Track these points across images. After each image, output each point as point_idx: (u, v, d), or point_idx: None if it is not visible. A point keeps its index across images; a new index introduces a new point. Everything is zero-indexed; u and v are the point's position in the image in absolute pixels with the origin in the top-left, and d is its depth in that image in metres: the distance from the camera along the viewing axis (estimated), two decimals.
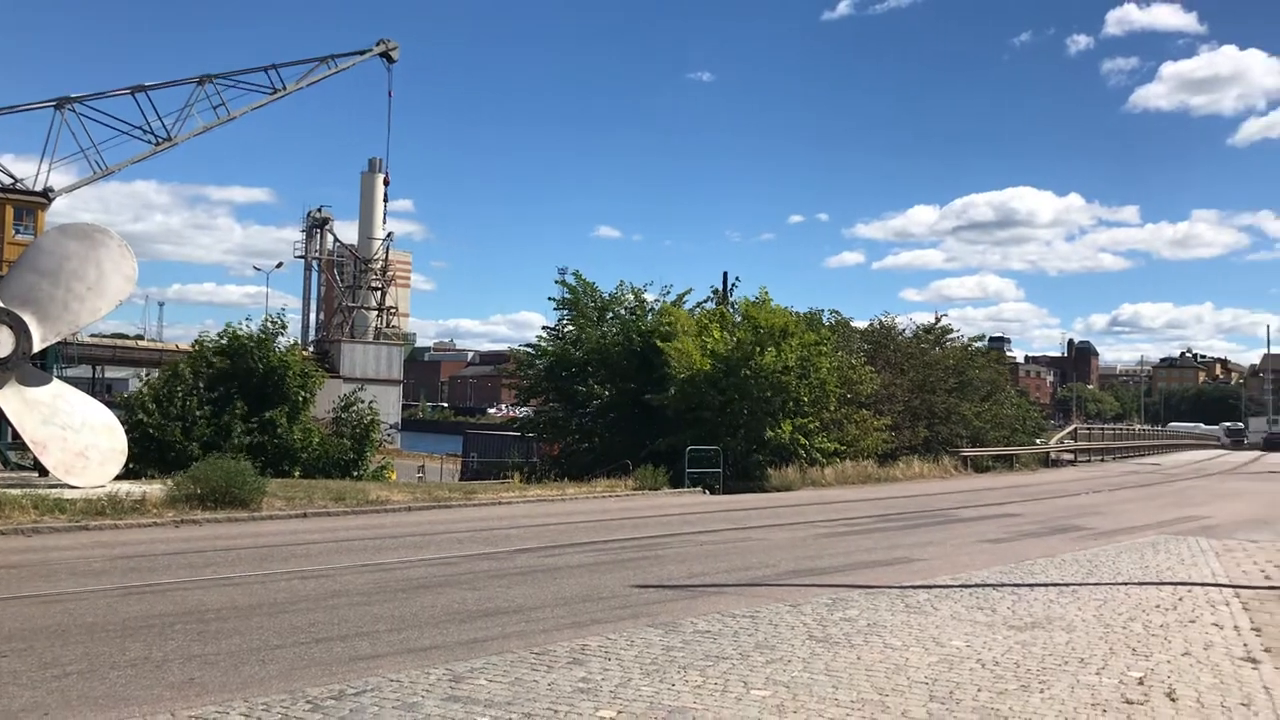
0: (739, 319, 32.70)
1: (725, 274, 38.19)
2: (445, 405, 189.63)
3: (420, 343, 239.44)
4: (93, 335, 62.07)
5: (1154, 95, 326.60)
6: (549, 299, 36.38)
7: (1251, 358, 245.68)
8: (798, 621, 9.48)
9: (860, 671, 7.62)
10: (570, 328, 34.62)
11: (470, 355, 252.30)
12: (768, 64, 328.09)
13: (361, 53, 69.71)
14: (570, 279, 35.08)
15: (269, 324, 28.77)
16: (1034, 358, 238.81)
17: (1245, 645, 8.87)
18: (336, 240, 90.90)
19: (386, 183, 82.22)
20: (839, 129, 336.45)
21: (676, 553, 14.70)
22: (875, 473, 33.02)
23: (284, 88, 62.46)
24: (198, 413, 25.95)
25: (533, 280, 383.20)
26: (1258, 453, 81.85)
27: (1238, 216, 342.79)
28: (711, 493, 27.52)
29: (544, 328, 36.18)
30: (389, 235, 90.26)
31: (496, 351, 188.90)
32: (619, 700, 6.77)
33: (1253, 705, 6.98)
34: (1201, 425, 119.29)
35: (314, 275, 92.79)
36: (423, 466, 50.58)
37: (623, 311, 34.75)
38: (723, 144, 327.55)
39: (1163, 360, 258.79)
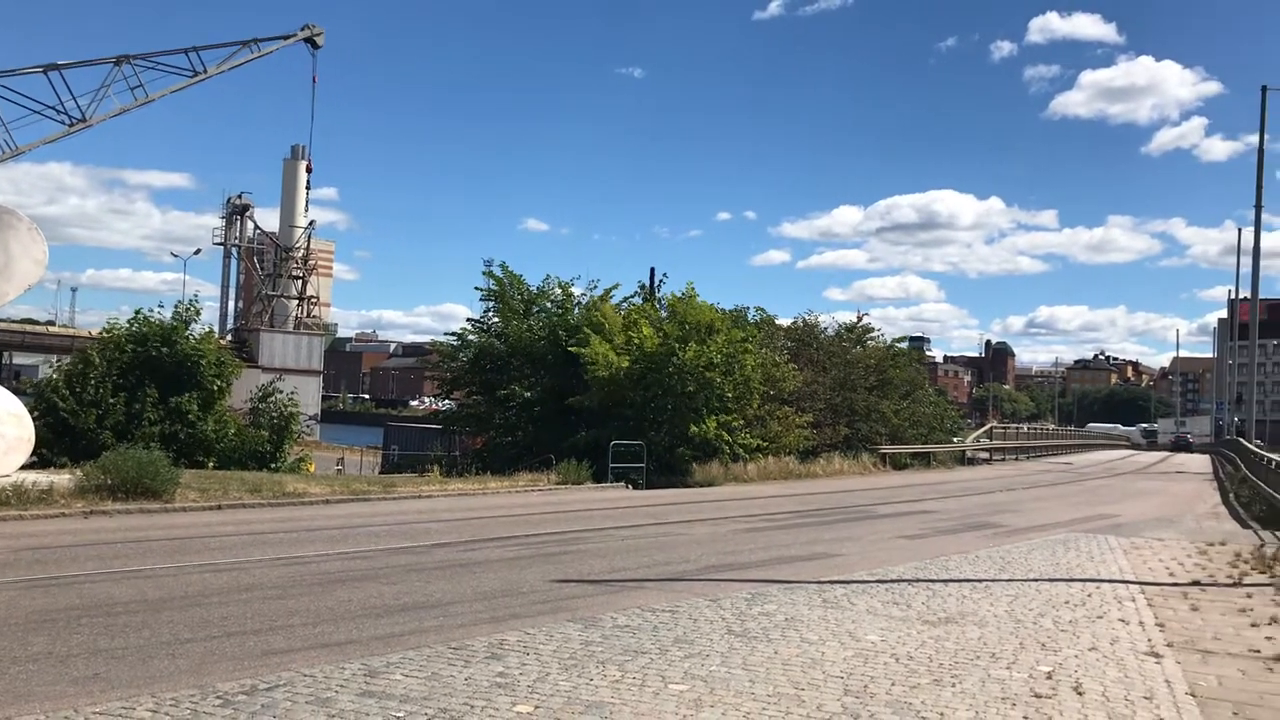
0: (665, 315, 32.82)
1: (652, 270, 38.42)
2: (367, 397, 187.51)
3: (342, 333, 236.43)
4: (0, 320, 60.21)
5: (1073, 103, 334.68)
6: (475, 289, 36.14)
7: (1161, 361, 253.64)
8: (717, 616, 9.54)
9: (777, 666, 7.69)
10: (496, 320, 34.35)
11: (393, 347, 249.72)
12: (698, 61, 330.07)
13: (286, 37, 68.64)
14: (497, 271, 34.84)
15: (182, 311, 28.14)
16: (952, 357, 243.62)
17: (1149, 640, 9.12)
18: (257, 228, 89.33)
19: (309, 170, 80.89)
20: (768, 128, 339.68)
21: (598, 548, 14.69)
22: (797, 469, 33.34)
23: (205, 71, 61.24)
24: (110, 400, 25.29)
25: (459, 272, 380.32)
26: (1166, 453, 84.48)
27: (1151, 223, 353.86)
28: (635, 488, 27.56)
29: (469, 320, 35.80)
30: (311, 223, 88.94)
31: (420, 343, 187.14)
32: (536, 695, 6.74)
33: (1155, 698, 7.17)
34: (1120, 426, 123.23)
35: (233, 263, 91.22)
36: (342, 459, 49.92)
37: (549, 305, 34.56)
38: (652, 140, 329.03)
39: (1077, 362, 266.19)
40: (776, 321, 43.39)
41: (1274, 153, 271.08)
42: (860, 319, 46.77)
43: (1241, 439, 41.93)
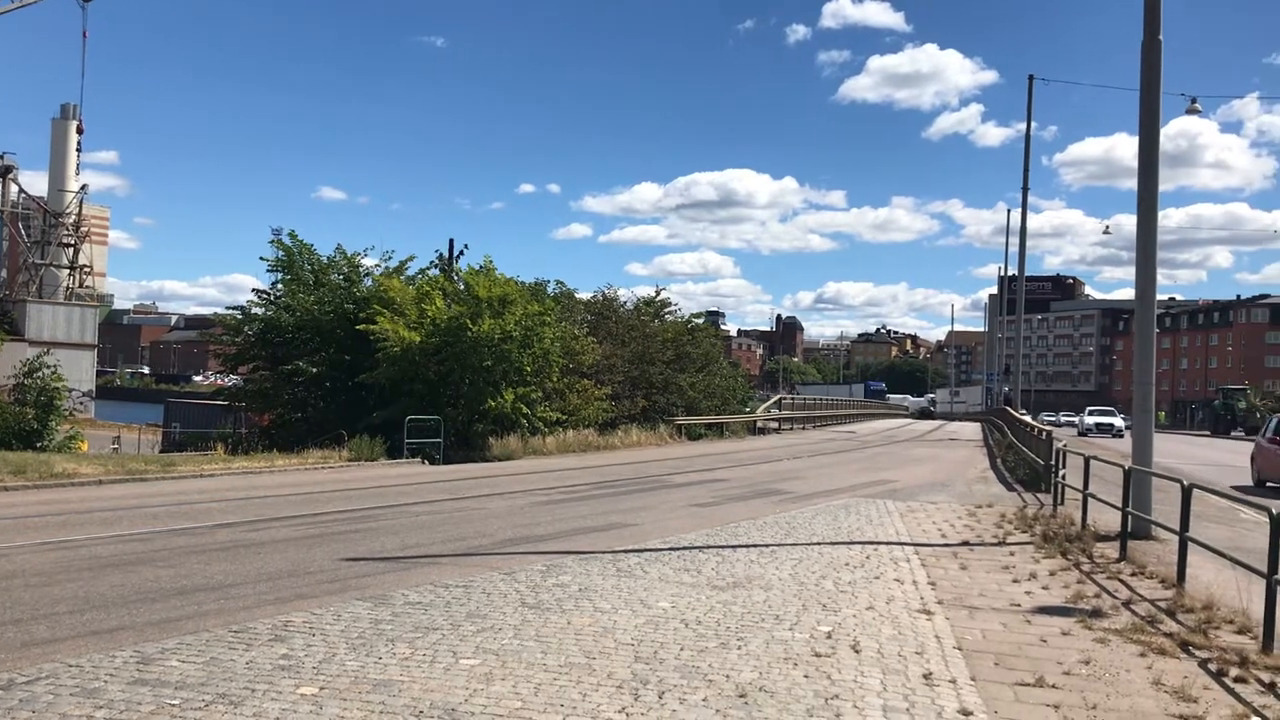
0: (462, 287, 32.40)
1: (451, 241, 37.83)
2: (146, 372, 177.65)
3: (119, 305, 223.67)
4: None
5: (862, 87, 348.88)
6: (261, 259, 34.60)
7: (938, 334, 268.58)
8: (511, 589, 9.52)
9: (570, 636, 7.74)
10: (284, 292, 32.99)
11: (175, 319, 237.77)
12: (502, 33, 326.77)
13: None
14: (286, 240, 33.43)
15: None
16: (746, 331, 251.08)
17: (921, 598, 9.65)
18: (22, 191, 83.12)
19: (80, 131, 75.80)
20: (571, 102, 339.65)
21: (391, 525, 14.41)
22: (596, 441, 33.63)
23: None
24: None
25: (248, 241, 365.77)
26: (940, 421, 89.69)
27: (931, 204, 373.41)
28: (431, 463, 27.18)
29: (255, 291, 34.22)
30: (83, 188, 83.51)
31: (205, 315, 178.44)
32: (322, 676, 6.57)
33: (925, 653, 7.60)
34: (910, 397, 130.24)
35: None
36: (119, 437, 47.20)
37: (337, 278, 33.43)
38: (454, 109, 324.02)
39: (861, 335, 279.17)
40: (576, 295, 43.62)
41: (1040, 139, 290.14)
42: (659, 294, 47.57)
43: (1008, 408, 44.83)
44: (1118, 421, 60.11)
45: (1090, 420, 62.49)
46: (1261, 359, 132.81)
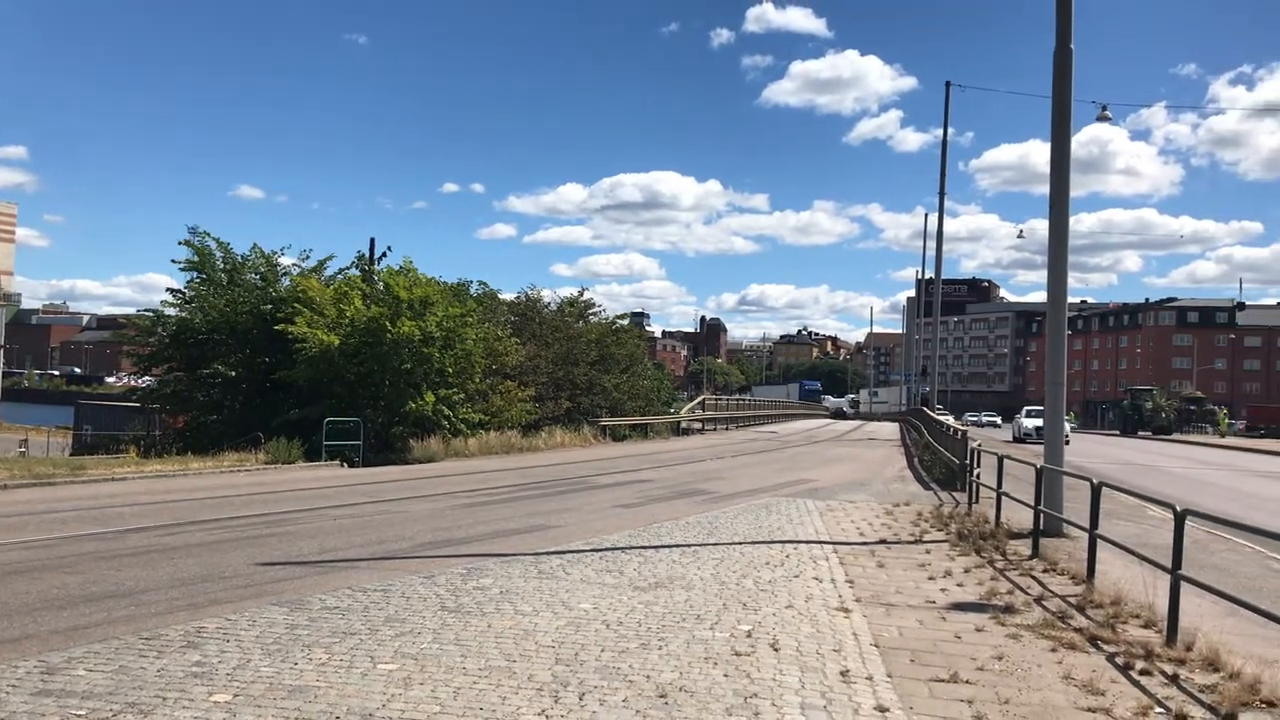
0: (383, 288, 32.01)
1: (373, 240, 37.43)
2: (56, 374, 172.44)
3: (27, 304, 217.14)
4: None
5: (784, 92, 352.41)
6: (172, 261, 33.78)
7: (858, 336, 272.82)
8: (431, 593, 9.43)
9: (490, 639, 7.70)
10: (198, 292, 32.28)
11: (86, 319, 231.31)
12: (426, 33, 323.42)
13: None
14: (199, 239, 32.72)
15: None
16: (671, 332, 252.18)
17: (840, 596, 9.78)
18: None
19: None
20: (496, 101, 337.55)
21: (308, 528, 14.19)
22: (519, 443, 33.46)
23: None
24: None
25: (163, 239, 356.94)
26: (860, 421, 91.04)
27: (851, 208, 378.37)
28: (351, 466, 26.82)
29: (169, 290, 33.44)
30: None
31: (118, 315, 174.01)
32: (236, 682, 6.44)
33: (843, 650, 7.70)
34: (830, 397, 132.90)
35: None
36: (25, 440, 45.88)
37: (253, 277, 32.83)
38: (377, 107, 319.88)
39: (783, 337, 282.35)
40: (500, 296, 43.39)
41: (957, 145, 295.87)
42: (583, 294, 47.49)
43: (925, 408, 45.61)
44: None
45: (1029, 423, 50.94)
46: (1168, 360, 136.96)
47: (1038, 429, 45.59)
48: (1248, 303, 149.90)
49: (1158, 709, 6.50)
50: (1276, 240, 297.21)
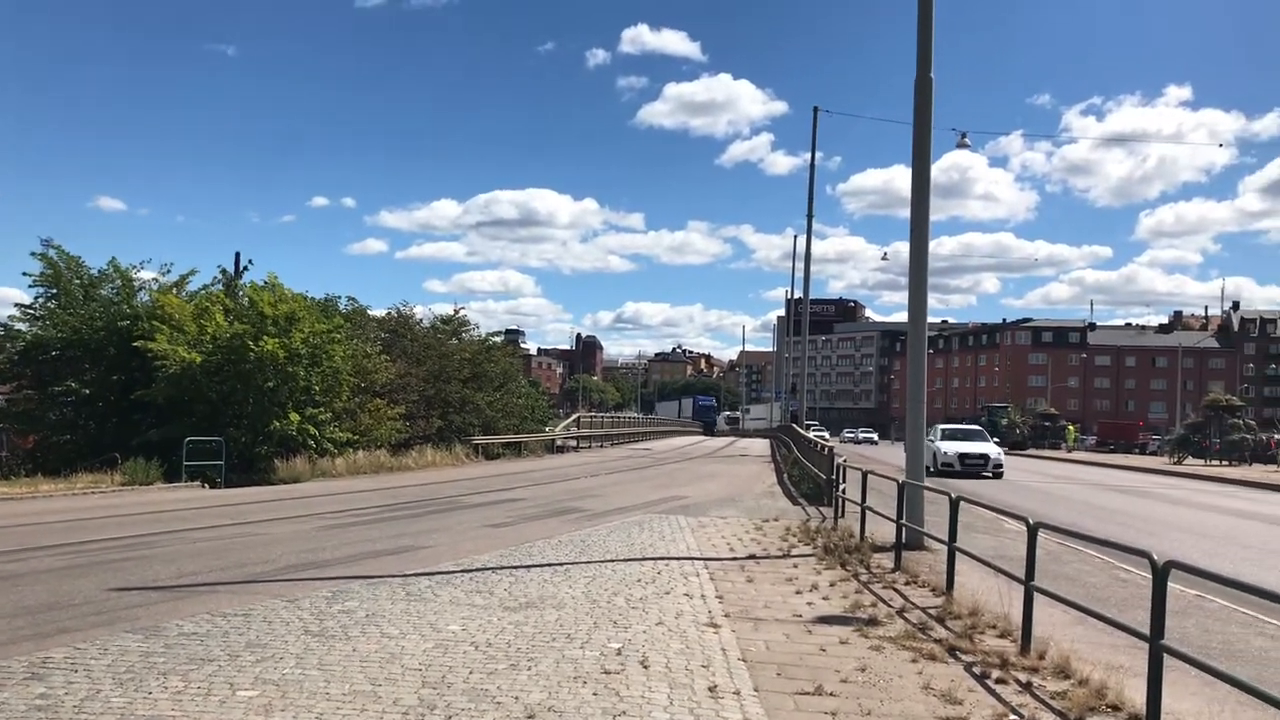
0: (247, 304, 31.18)
1: (237, 254, 36.42)
2: None
3: None
4: None
5: (659, 113, 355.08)
6: (24, 274, 32.37)
7: (730, 354, 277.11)
8: (294, 617, 9.19)
9: (355, 663, 7.53)
10: (50, 308, 30.95)
11: None
12: (296, 44, 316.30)
13: None
14: (52, 253, 31.38)
15: None
16: (546, 350, 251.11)
17: (710, 612, 9.86)
18: None
19: None
20: (367, 115, 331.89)
21: (166, 552, 13.67)
22: (388, 462, 32.91)
23: None
24: None
25: (14, 251, 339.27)
26: (732, 438, 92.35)
27: (724, 228, 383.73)
28: (213, 486, 25.99)
29: (18, 306, 32.02)
30: None
31: None
32: (84, 714, 6.16)
33: (711, 666, 7.77)
34: (728, 412, 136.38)
35: None
36: None
37: (109, 293, 31.62)
38: (244, 119, 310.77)
39: (657, 355, 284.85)
40: (370, 312, 42.70)
41: (825, 169, 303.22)
42: (457, 311, 47.14)
43: (794, 425, 46.49)
44: (992, 450, 35.73)
45: (950, 449, 35.54)
46: (1024, 378, 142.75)
47: (964, 456, 35.00)
48: (1098, 323, 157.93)
49: (1012, 716, 6.73)
50: (1124, 264, 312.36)
